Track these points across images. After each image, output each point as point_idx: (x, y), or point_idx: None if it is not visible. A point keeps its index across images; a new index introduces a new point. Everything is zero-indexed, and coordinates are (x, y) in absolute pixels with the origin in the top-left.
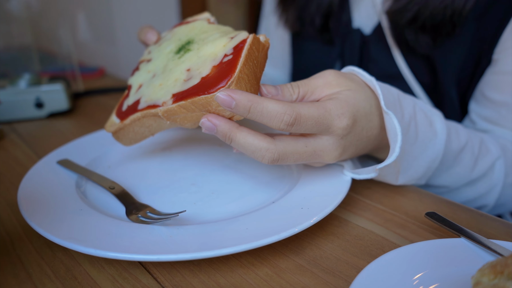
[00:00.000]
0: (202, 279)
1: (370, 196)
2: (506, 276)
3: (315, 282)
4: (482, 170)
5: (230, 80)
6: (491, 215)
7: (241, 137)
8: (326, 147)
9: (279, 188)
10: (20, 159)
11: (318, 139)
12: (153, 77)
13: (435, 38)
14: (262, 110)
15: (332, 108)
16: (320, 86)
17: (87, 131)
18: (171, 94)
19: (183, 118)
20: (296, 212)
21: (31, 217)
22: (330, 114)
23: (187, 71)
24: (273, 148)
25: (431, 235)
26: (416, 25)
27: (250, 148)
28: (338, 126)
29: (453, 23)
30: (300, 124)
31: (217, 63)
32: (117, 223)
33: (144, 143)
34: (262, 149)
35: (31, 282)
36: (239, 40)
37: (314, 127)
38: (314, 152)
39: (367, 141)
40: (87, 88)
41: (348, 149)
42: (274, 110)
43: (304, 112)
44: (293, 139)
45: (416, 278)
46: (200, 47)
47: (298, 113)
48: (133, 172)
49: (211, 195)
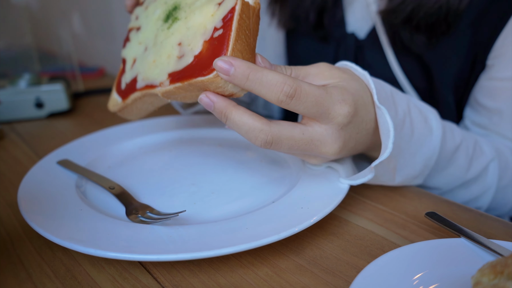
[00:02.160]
0: (202, 279)
1: (370, 196)
2: (506, 276)
3: (315, 282)
4: (476, 172)
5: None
6: (491, 215)
7: (237, 115)
8: (324, 137)
9: (279, 188)
10: (20, 159)
11: (316, 127)
12: (145, 51)
13: (430, 37)
14: (261, 78)
15: (333, 93)
16: (312, 74)
17: (87, 131)
18: (167, 74)
19: (182, 97)
20: (296, 212)
21: (31, 217)
22: (331, 97)
23: (178, 46)
24: (267, 130)
25: (431, 235)
26: (411, 24)
27: (244, 127)
28: (339, 112)
29: (448, 23)
30: (300, 98)
31: (207, 38)
32: (117, 223)
33: (144, 143)
34: (256, 129)
35: (31, 282)
36: (228, 9)
37: (314, 107)
38: (311, 141)
39: (366, 134)
40: (87, 88)
41: (348, 143)
42: (274, 79)
43: (305, 87)
44: (290, 124)
45: (416, 278)
46: (188, 16)
47: (299, 86)
48: (133, 172)
49: (211, 195)
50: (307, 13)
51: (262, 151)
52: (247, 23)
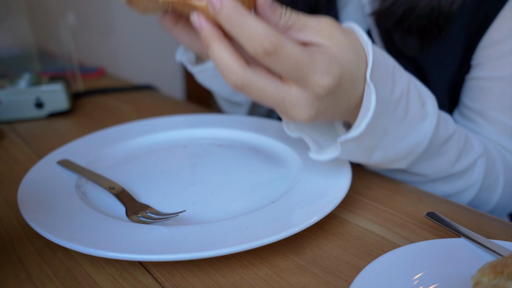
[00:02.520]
0: (202, 279)
1: (370, 196)
2: (506, 276)
3: (315, 282)
4: (464, 166)
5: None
6: (491, 215)
7: (217, 47)
8: (297, 102)
9: (279, 188)
10: (20, 159)
11: (292, 89)
12: None
13: (422, 40)
14: (243, 24)
15: (318, 60)
16: (310, 27)
17: (87, 131)
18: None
19: (180, 11)
20: (296, 211)
21: (31, 217)
22: (314, 65)
23: None
24: (241, 75)
25: (431, 235)
26: (403, 27)
27: (219, 63)
28: (318, 83)
29: (440, 26)
30: (279, 58)
31: None
32: (117, 223)
33: (144, 143)
34: (230, 70)
35: (31, 282)
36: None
37: (292, 70)
38: (282, 101)
39: (346, 109)
40: (87, 88)
41: (322, 114)
42: (256, 30)
43: (287, 47)
44: (267, 76)
45: (416, 278)
46: None
47: (280, 44)
48: (133, 172)
49: (211, 195)
50: (301, 11)
51: (262, 151)
52: None
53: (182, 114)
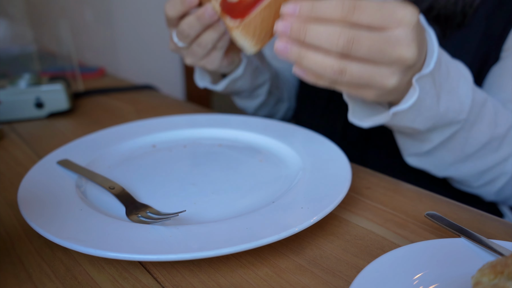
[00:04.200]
0: (202, 279)
1: (370, 196)
2: (506, 276)
3: (315, 282)
4: (504, 129)
5: (244, 19)
6: (491, 215)
7: (317, 23)
8: (400, 38)
9: (279, 188)
10: (20, 159)
11: (389, 31)
12: None
13: (445, 29)
14: (318, 3)
15: (394, 3)
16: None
17: (87, 131)
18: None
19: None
20: (296, 211)
21: (31, 217)
22: (391, 2)
23: None
24: (347, 30)
25: (431, 235)
26: (431, 15)
27: (325, 31)
28: (405, 13)
29: (464, 14)
30: (361, 8)
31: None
32: (117, 223)
33: (144, 143)
34: (337, 30)
35: (31, 282)
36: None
37: (378, 13)
38: (389, 42)
39: (424, 45)
40: (87, 88)
41: (421, 48)
42: (329, 3)
43: (365, 2)
44: (366, 29)
45: (416, 278)
46: None
47: (358, 2)
48: (133, 172)
49: (211, 195)
50: None
51: (262, 151)
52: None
53: (182, 114)
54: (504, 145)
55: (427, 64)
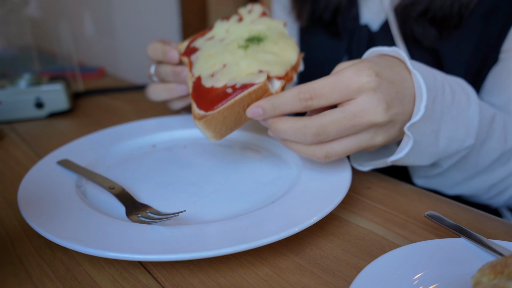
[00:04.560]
0: (202, 279)
1: (370, 196)
2: (506, 276)
3: (315, 282)
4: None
5: (207, 113)
6: (491, 215)
7: (281, 123)
8: (364, 106)
9: (279, 188)
10: (20, 159)
11: (352, 102)
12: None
13: (441, 30)
14: (279, 99)
15: (345, 70)
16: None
17: (87, 131)
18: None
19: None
20: (296, 211)
21: (31, 217)
22: (344, 75)
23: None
24: (310, 123)
25: (431, 235)
26: (426, 17)
27: (290, 130)
28: (360, 81)
29: (460, 15)
30: (317, 95)
31: (232, 83)
32: (117, 223)
33: (144, 143)
34: (301, 127)
35: (31, 282)
36: (254, 81)
37: (335, 93)
38: (354, 115)
39: (409, 93)
40: (87, 88)
41: (394, 102)
42: (288, 94)
43: (316, 84)
44: (328, 110)
45: (416, 278)
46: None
47: (311, 86)
48: (133, 172)
49: (211, 195)
50: (322, 12)
51: (262, 151)
52: (253, 98)
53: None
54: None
55: (416, 109)
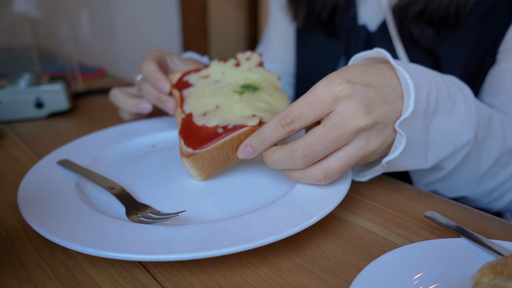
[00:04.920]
0: (202, 279)
1: (370, 196)
2: (506, 276)
3: (315, 282)
4: (511, 141)
5: (195, 151)
6: (491, 215)
7: (270, 154)
8: (343, 114)
9: (279, 188)
10: (20, 159)
11: (331, 114)
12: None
13: (439, 31)
14: (264, 131)
15: (316, 86)
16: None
17: (87, 131)
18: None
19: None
20: (296, 211)
21: (31, 217)
22: (316, 90)
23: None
24: (295, 147)
25: (431, 235)
26: (424, 18)
27: (279, 159)
28: (332, 92)
29: (458, 15)
30: (296, 117)
31: (224, 124)
32: (117, 223)
33: (144, 143)
34: (288, 153)
35: (31, 282)
36: (246, 123)
37: (312, 111)
38: (335, 126)
39: (393, 91)
40: (87, 88)
41: (375, 103)
42: (270, 124)
43: (293, 107)
44: (311, 130)
45: (416, 278)
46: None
47: (288, 110)
48: (133, 172)
49: (211, 195)
50: (319, 12)
51: None
52: (241, 140)
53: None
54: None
55: (406, 106)
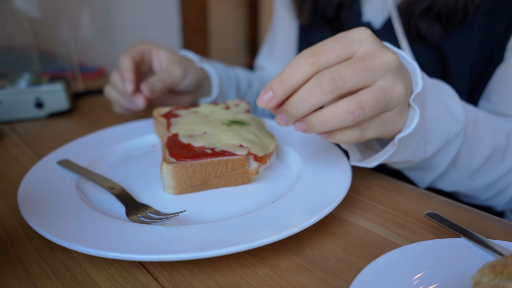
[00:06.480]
0: (202, 279)
1: (370, 196)
2: (506, 276)
3: (315, 282)
4: (503, 138)
5: (179, 162)
6: (491, 215)
7: (297, 98)
8: (371, 50)
9: (279, 188)
10: (20, 159)
11: (358, 52)
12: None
13: (446, 26)
14: (283, 73)
15: (343, 31)
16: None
17: (87, 131)
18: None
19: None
20: (296, 211)
21: (31, 217)
22: (342, 33)
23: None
24: (321, 72)
25: (431, 235)
26: (431, 14)
27: (305, 92)
28: (358, 32)
29: (466, 11)
30: (319, 49)
31: (211, 146)
32: (117, 223)
33: (144, 143)
34: (315, 80)
35: (31, 282)
36: (235, 152)
37: (337, 43)
38: (363, 58)
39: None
40: (87, 88)
41: (405, 79)
42: (291, 62)
43: (321, 44)
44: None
45: (416, 278)
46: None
47: (312, 46)
48: (133, 172)
49: (211, 195)
50: (325, 8)
51: None
52: (225, 170)
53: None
54: (507, 156)
55: (415, 83)
